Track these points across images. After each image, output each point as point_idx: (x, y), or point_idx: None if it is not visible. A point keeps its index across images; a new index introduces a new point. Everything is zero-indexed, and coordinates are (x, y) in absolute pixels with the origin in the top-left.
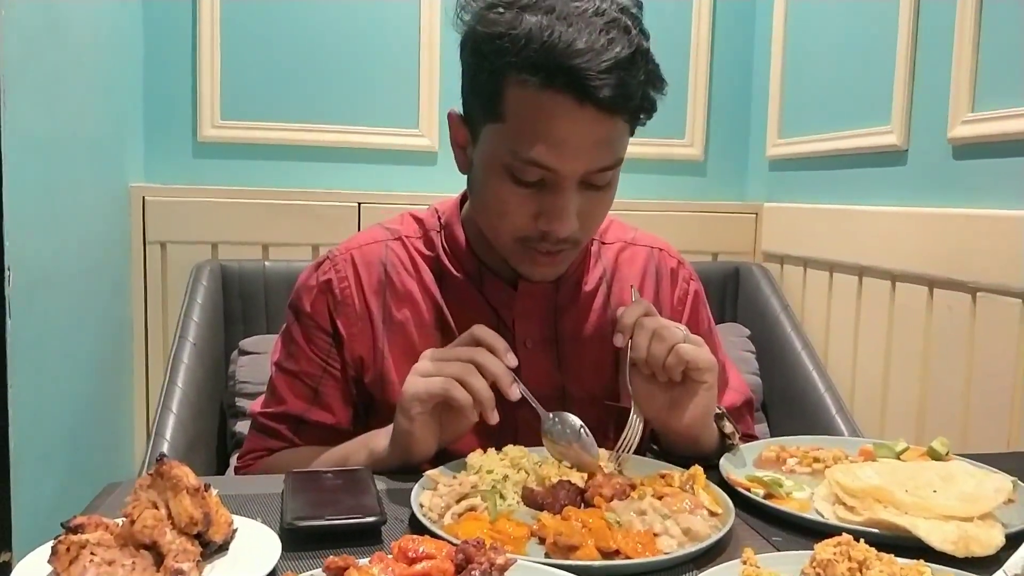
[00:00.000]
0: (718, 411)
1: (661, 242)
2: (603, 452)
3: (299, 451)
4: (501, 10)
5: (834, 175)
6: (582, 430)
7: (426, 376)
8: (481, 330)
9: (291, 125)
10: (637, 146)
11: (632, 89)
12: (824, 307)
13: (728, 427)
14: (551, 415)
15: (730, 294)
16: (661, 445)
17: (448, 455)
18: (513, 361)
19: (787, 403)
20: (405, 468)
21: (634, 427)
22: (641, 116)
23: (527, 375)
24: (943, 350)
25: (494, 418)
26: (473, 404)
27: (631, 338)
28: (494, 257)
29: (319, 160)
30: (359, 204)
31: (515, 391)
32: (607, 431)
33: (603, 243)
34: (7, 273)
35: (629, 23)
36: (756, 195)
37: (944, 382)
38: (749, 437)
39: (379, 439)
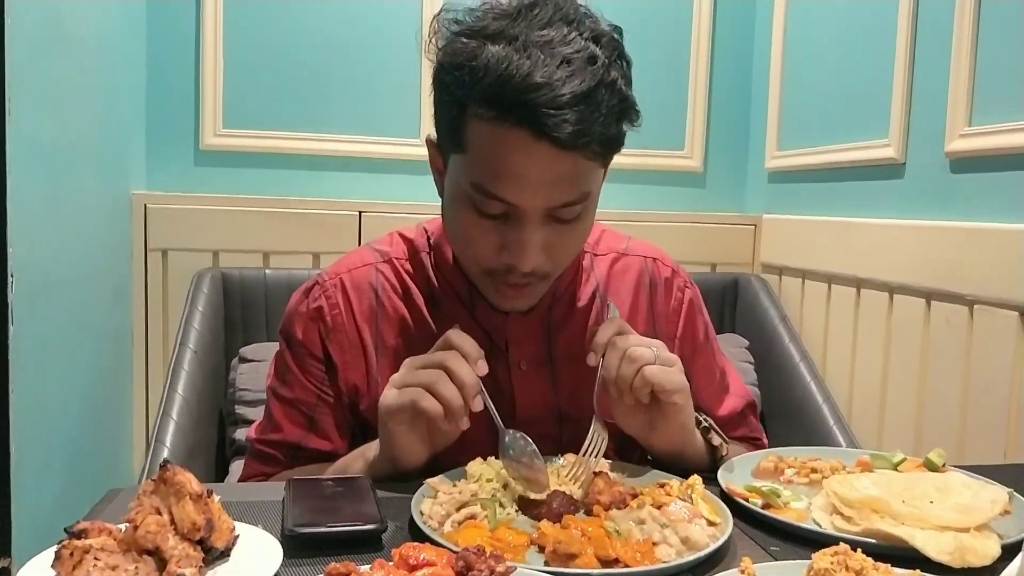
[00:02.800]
0: (705, 424)
1: (655, 251)
2: (571, 457)
3: (298, 471)
4: (465, 40)
5: (832, 187)
6: (534, 451)
7: (399, 387)
8: (456, 335)
9: (293, 134)
10: (636, 157)
11: (592, 125)
12: (822, 318)
13: (716, 439)
14: (513, 431)
15: (728, 305)
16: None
17: (447, 463)
18: (483, 369)
19: (785, 414)
20: (403, 477)
21: (595, 443)
22: (609, 149)
23: (522, 397)
24: (940, 362)
25: (464, 424)
26: (444, 414)
27: (603, 357)
28: None
29: (320, 169)
30: (360, 213)
31: (478, 402)
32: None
33: (595, 255)
34: (10, 279)
35: (597, 52)
36: (755, 207)
37: (941, 394)
38: (755, 440)
39: (373, 451)
